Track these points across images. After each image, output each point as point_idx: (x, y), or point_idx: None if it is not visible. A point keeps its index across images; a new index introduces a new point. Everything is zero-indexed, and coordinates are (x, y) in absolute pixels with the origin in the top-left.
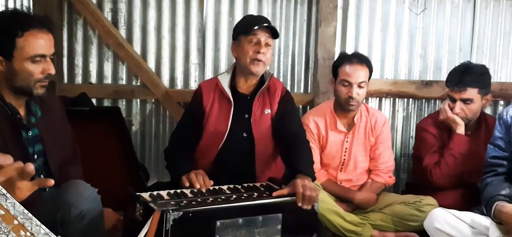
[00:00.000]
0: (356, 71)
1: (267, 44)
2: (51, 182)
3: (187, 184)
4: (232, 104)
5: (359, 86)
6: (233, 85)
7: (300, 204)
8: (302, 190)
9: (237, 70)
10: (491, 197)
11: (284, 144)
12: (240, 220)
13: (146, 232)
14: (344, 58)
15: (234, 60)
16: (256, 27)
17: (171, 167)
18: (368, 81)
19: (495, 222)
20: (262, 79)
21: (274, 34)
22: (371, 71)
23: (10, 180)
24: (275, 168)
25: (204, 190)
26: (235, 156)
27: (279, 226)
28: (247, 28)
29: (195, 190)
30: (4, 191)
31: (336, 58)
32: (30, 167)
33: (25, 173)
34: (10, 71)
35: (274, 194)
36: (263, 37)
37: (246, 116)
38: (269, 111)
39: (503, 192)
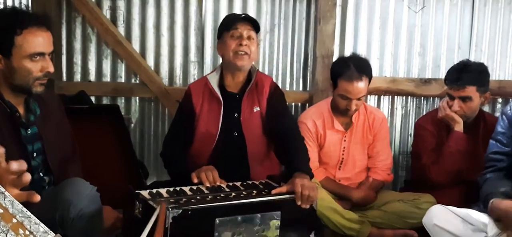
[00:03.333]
0: (356, 87)
1: (249, 37)
2: (37, 198)
3: (196, 181)
4: (222, 104)
5: (359, 99)
6: (221, 84)
7: (299, 203)
8: (301, 189)
9: (224, 68)
10: (488, 193)
11: (279, 141)
12: (239, 217)
13: (155, 224)
14: (344, 68)
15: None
16: (237, 21)
17: (173, 168)
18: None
19: (492, 219)
20: (250, 76)
21: (256, 27)
22: (371, 78)
23: (3, 181)
24: (270, 165)
25: (222, 185)
26: (228, 156)
27: (278, 223)
28: (229, 24)
29: (194, 188)
30: (2, 189)
31: (334, 56)
32: (27, 177)
33: (22, 180)
34: (9, 69)
35: (273, 192)
36: (245, 30)
37: (236, 115)
38: (258, 108)
39: (501, 189)
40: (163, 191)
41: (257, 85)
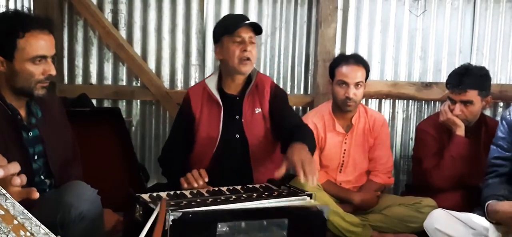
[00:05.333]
0: (353, 71)
1: (251, 42)
2: (36, 195)
3: (186, 185)
4: (222, 107)
5: (356, 87)
6: (220, 87)
7: (302, 179)
8: (301, 163)
9: (224, 72)
10: (485, 197)
11: (286, 137)
12: (243, 223)
13: (155, 220)
14: (341, 59)
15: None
16: (239, 26)
17: (168, 173)
18: (365, 81)
19: (491, 223)
20: (249, 77)
21: (257, 30)
22: (367, 71)
23: (4, 182)
24: (272, 168)
25: (201, 182)
26: (230, 158)
27: (285, 232)
28: (230, 28)
29: (195, 191)
30: (3, 191)
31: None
32: (35, 194)
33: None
34: (11, 72)
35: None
36: (247, 35)
37: (237, 117)
38: (259, 110)
39: (500, 193)
40: (163, 194)
41: (257, 86)
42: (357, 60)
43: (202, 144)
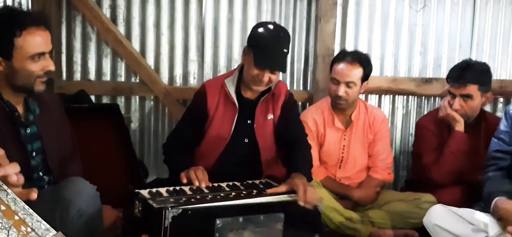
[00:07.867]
0: (346, 70)
1: (270, 78)
2: (34, 196)
3: (185, 181)
4: (237, 110)
5: (348, 86)
6: (238, 89)
7: (302, 204)
8: (303, 189)
9: (243, 75)
10: (491, 192)
11: (285, 146)
12: (241, 218)
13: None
14: (340, 56)
15: (234, 59)
16: (266, 65)
17: (170, 162)
18: (363, 81)
19: (494, 218)
20: None
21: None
22: (366, 70)
23: (6, 181)
24: (278, 172)
25: (203, 186)
26: (236, 161)
27: (281, 226)
28: (260, 55)
29: (194, 187)
30: (5, 186)
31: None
32: (34, 195)
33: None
34: (10, 70)
35: (269, 191)
36: (270, 74)
37: (249, 121)
38: (271, 116)
39: (504, 188)
40: (162, 190)
41: (273, 94)
42: (354, 58)
43: (210, 142)
